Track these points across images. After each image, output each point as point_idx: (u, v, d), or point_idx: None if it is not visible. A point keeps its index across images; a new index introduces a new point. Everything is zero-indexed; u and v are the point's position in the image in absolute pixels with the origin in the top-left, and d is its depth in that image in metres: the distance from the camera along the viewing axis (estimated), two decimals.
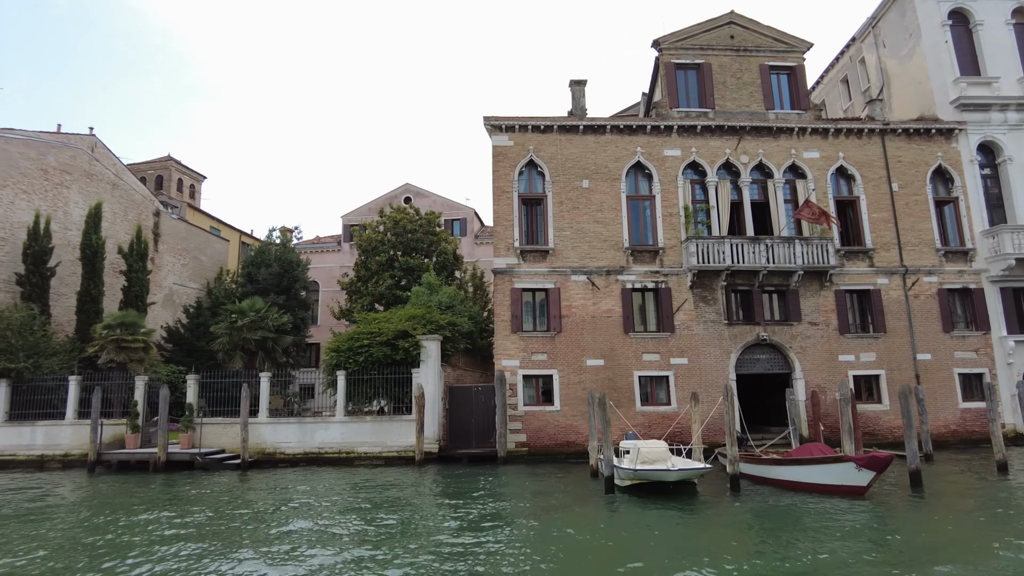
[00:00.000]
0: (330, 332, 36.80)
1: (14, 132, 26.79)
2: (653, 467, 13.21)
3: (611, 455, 13.91)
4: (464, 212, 47.51)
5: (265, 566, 8.54)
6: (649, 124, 22.23)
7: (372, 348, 20.89)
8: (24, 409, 22.61)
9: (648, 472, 13.13)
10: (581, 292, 21.26)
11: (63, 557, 9.31)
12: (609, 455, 13.88)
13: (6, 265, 25.58)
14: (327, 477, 17.92)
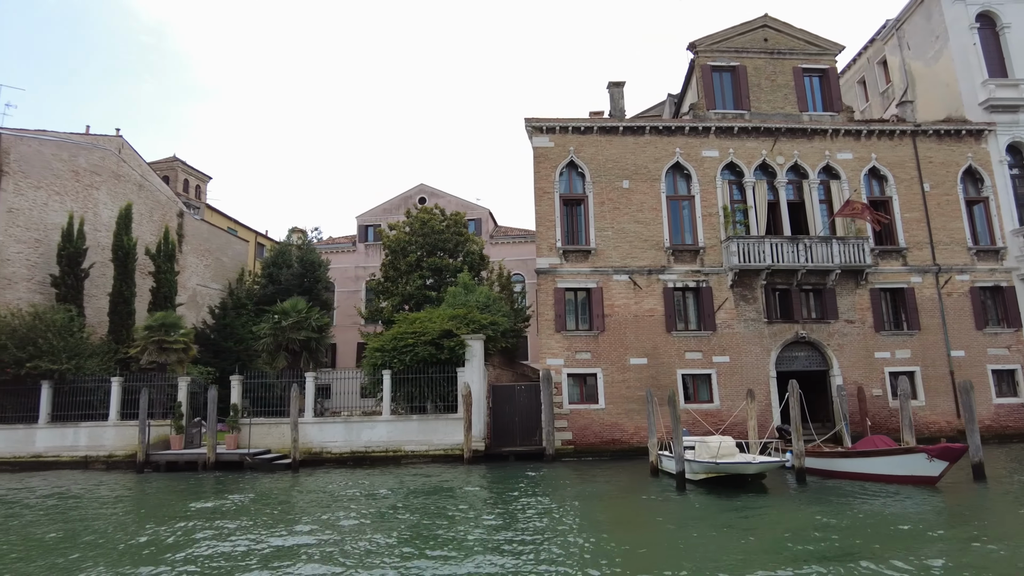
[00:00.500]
0: (357, 332, 36.95)
1: (47, 134, 26.70)
2: (733, 460, 13.51)
3: (682, 451, 14.16)
4: (479, 212, 47.70)
5: (384, 564, 8.70)
6: (688, 125, 22.56)
7: (417, 348, 21.07)
8: (64, 410, 22.63)
9: (729, 465, 13.42)
10: (623, 291, 21.56)
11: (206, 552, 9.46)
12: (680, 451, 14.13)
13: (40, 267, 25.53)
14: (383, 475, 18.08)
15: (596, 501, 13.48)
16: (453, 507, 12.78)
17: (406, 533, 10.42)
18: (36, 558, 9.33)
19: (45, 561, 9.13)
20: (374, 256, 47.67)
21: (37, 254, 25.51)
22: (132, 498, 15.32)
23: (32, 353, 21.91)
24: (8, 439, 22.31)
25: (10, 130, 25.02)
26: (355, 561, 8.71)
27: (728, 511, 11.61)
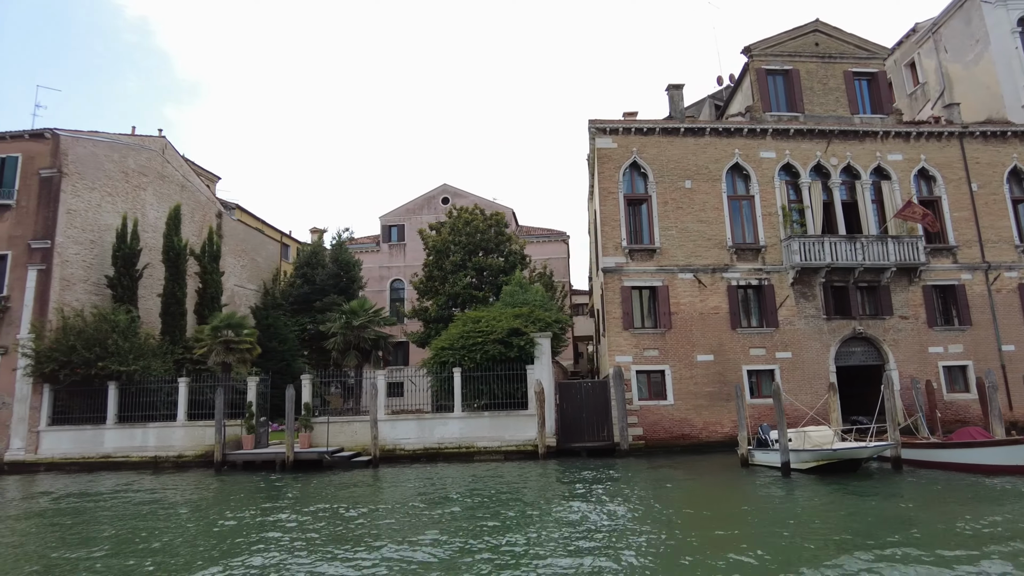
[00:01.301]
0: (394, 331, 37.16)
1: (99, 135, 26.62)
2: (848, 446, 14.06)
3: (786, 442, 14.67)
4: (502, 212, 48.03)
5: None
6: (746, 127, 23.12)
7: (487, 346, 21.43)
8: (128, 411, 22.69)
9: (845, 451, 13.95)
10: (688, 289, 22.08)
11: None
12: (785, 442, 14.64)
13: (95, 268, 25.50)
14: (471, 470, 18.40)
15: (705, 491, 13.96)
16: (576, 501, 13.17)
17: (557, 524, 10.78)
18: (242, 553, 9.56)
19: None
20: (398, 256, 47.97)
21: (92, 255, 25.48)
22: (256, 496, 15.41)
23: (99, 354, 21.97)
24: (76, 440, 22.37)
25: (67, 131, 24.95)
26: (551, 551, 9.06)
27: (862, 497, 12.13)
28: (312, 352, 31.86)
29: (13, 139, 24.65)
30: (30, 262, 23.58)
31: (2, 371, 22.94)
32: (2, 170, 24.43)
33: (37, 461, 22.18)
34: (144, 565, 8.81)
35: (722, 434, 21.16)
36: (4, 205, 24.14)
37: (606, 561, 8.30)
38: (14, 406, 22.62)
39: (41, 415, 22.59)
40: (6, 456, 22.26)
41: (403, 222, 48.42)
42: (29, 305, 23.20)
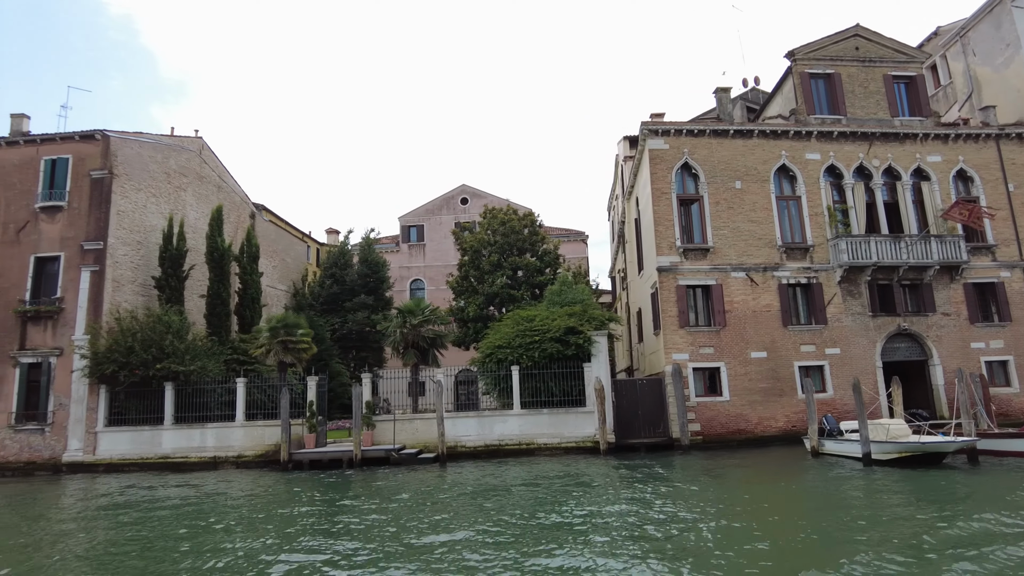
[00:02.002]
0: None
1: (143, 135, 26.61)
2: (935, 440, 14.60)
3: (868, 433, 15.19)
4: (521, 212, 48.37)
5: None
6: (792, 129, 23.70)
7: (544, 344, 21.80)
8: (183, 411, 22.76)
9: (933, 444, 14.49)
10: (741, 288, 22.61)
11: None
12: (866, 433, 15.16)
13: (142, 269, 25.51)
14: (532, 466, 18.70)
15: (786, 483, 14.41)
16: (663, 493, 13.58)
17: (650, 513, 11.17)
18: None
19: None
20: (417, 256, 48.19)
21: (139, 256, 25.50)
22: (347, 492, 15.62)
23: (156, 355, 22.03)
24: (135, 441, 22.43)
25: (115, 132, 24.94)
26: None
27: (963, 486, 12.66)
28: (342, 351, 32.07)
29: (63, 140, 24.63)
30: (83, 263, 23.58)
31: (58, 372, 22.96)
32: (53, 172, 24.40)
33: (96, 462, 22.20)
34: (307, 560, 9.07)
35: (776, 428, 21.71)
36: (56, 207, 24.12)
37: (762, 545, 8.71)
38: (70, 407, 22.64)
39: (98, 416, 22.60)
40: (64, 457, 22.28)
41: (422, 222, 48.65)
42: (83, 306, 23.21)
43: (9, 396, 22.89)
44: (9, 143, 24.80)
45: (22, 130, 25.35)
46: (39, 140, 24.72)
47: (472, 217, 48.52)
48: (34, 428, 22.63)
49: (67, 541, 10.97)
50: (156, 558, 9.32)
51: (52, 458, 22.40)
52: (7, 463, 22.43)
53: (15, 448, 22.60)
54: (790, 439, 21.42)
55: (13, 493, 18.08)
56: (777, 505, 11.93)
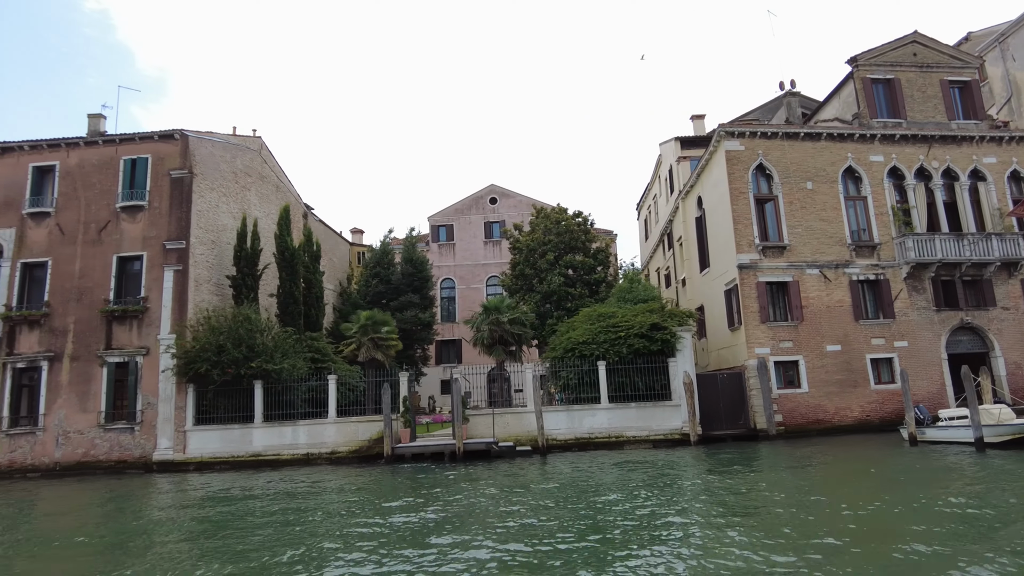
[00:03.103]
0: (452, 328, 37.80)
1: (214, 135, 26.70)
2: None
3: (979, 418, 16.13)
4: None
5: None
6: (857, 132, 24.71)
7: (630, 339, 22.47)
8: (270, 409, 22.94)
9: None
10: (815, 284, 23.55)
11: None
12: (978, 418, 16.10)
13: (216, 268, 25.64)
14: (631, 457, 19.31)
15: (908, 469, 15.27)
16: (802, 483, 14.35)
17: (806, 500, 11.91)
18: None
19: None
20: (447, 255, 48.56)
21: (213, 255, 25.64)
22: (474, 483, 16.06)
23: (246, 354, 22.23)
24: (225, 439, 22.61)
25: (192, 132, 25.03)
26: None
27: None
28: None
29: (142, 140, 24.69)
30: (166, 263, 23.70)
31: (145, 372, 23.04)
32: (133, 171, 24.45)
33: (186, 460, 22.36)
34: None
35: (852, 418, 22.68)
36: (137, 206, 24.19)
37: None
38: (159, 406, 22.75)
39: (186, 415, 22.74)
40: (155, 456, 22.41)
41: (451, 222, 49.04)
42: (168, 306, 23.34)
43: (97, 395, 22.94)
44: (88, 143, 24.79)
45: (99, 130, 25.33)
46: (118, 140, 24.75)
47: (501, 217, 49.14)
48: (123, 427, 22.71)
49: (266, 537, 11.31)
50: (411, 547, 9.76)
51: (142, 457, 22.51)
52: (98, 462, 22.51)
53: (105, 447, 22.66)
54: (865, 428, 22.43)
55: (126, 490, 18.22)
56: (922, 490, 12.62)
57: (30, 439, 22.80)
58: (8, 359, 23.32)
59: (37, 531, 13.03)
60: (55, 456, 22.62)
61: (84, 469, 22.37)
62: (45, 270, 24.07)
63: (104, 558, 9.70)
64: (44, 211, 24.36)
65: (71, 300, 23.64)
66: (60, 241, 24.16)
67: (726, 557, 7.81)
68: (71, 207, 24.43)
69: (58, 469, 22.44)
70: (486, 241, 48.82)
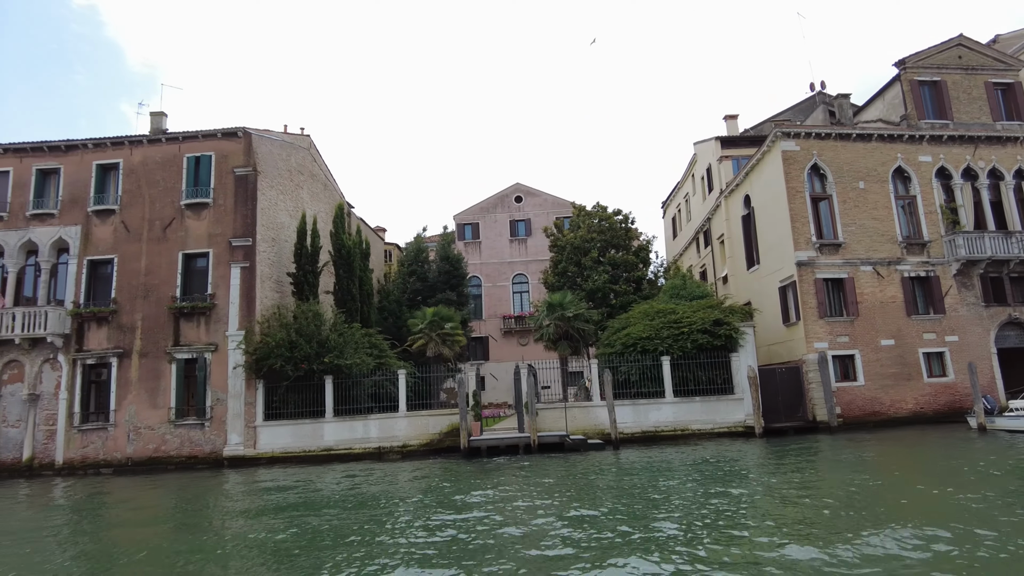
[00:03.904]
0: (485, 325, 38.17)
1: (271, 133, 26.90)
2: None
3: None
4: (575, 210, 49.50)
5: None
6: (906, 134, 25.40)
7: (693, 335, 23.03)
8: (338, 404, 23.23)
9: None
10: (869, 280, 24.22)
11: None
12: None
13: (276, 265, 25.88)
14: (705, 450, 19.82)
15: (998, 457, 15.95)
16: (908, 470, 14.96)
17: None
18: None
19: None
20: (473, 253, 48.88)
21: (273, 253, 25.88)
22: (585, 474, 16.58)
23: (317, 350, 22.55)
24: (296, 434, 22.90)
25: (254, 130, 25.25)
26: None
27: None
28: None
29: (205, 138, 24.88)
30: (233, 260, 23.93)
31: (214, 368, 23.28)
32: (197, 169, 24.65)
33: (257, 456, 22.64)
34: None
35: (907, 410, 23.38)
36: (202, 204, 24.39)
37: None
38: (228, 402, 23.01)
39: (256, 410, 23.02)
40: (225, 451, 22.67)
41: (477, 220, 49.40)
42: (236, 302, 23.58)
43: (167, 391, 23.15)
44: (151, 141, 24.95)
45: (162, 128, 25.48)
46: (181, 138, 24.91)
47: (526, 215, 49.61)
48: (194, 423, 22.94)
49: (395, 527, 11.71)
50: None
51: (213, 452, 22.76)
52: (169, 457, 22.73)
53: (175, 443, 22.88)
54: (920, 420, 23.15)
55: (211, 485, 18.51)
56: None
57: (102, 435, 22.98)
58: (78, 355, 23.48)
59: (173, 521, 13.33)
60: (127, 451, 22.83)
61: (155, 464, 22.59)
62: (111, 267, 24.24)
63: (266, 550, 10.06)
64: (109, 208, 24.51)
65: (138, 297, 23.83)
66: (125, 238, 24.32)
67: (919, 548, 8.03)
68: (135, 204, 24.59)
69: (130, 464, 22.66)
70: (512, 239, 49.24)
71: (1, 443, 23.06)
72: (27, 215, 24.54)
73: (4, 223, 24.52)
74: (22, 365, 23.52)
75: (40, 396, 23.38)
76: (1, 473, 22.64)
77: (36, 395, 23.33)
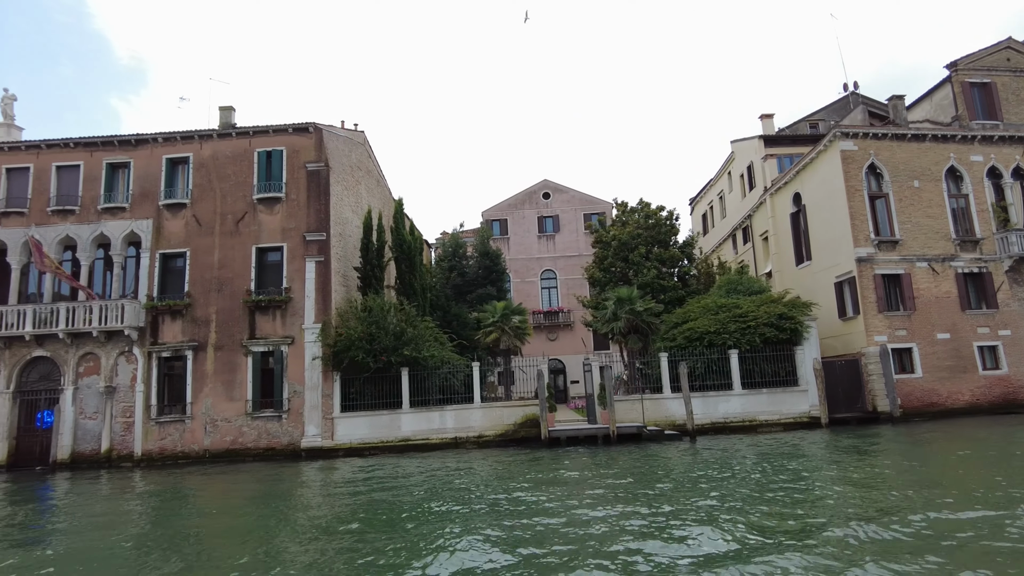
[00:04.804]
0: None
1: (335, 129, 27.16)
2: None
3: None
4: (603, 206, 50.17)
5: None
6: (959, 134, 26.21)
7: (760, 328, 23.71)
8: (413, 395, 23.60)
9: None
10: (924, 277, 25.02)
11: None
12: None
13: (343, 260, 26.20)
14: (779, 440, 20.50)
15: None
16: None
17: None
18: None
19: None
20: (502, 249, 49.28)
21: (340, 247, 26.20)
22: (678, 463, 17.18)
23: (393, 343, 22.96)
24: (373, 425, 23.31)
25: (324, 126, 25.53)
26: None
27: None
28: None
29: (276, 133, 25.15)
30: (307, 254, 24.26)
31: (291, 360, 23.59)
32: (269, 164, 24.91)
33: (335, 447, 23.02)
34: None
35: (963, 402, 24.21)
36: (274, 198, 24.67)
37: None
38: (305, 394, 23.36)
39: (333, 402, 23.39)
40: (303, 442, 23.03)
41: (505, 216, 49.83)
42: (311, 296, 23.90)
43: (243, 384, 23.46)
44: (221, 135, 25.16)
45: (231, 122, 25.68)
46: (251, 132, 25.16)
47: (554, 211, 50.14)
48: (271, 415, 23.26)
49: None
50: None
51: (290, 444, 23.11)
52: (246, 449, 23.06)
53: (253, 435, 23.20)
54: (976, 411, 23.95)
55: (311, 474, 18.89)
56: None
57: (179, 427, 23.25)
58: (153, 348, 23.72)
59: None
60: (204, 444, 23.12)
61: (233, 456, 22.90)
62: (182, 260, 24.47)
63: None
64: (180, 202, 24.72)
65: (212, 290, 24.08)
66: (197, 232, 24.55)
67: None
68: (206, 198, 24.81)
69: (207, 456, 22.96)
70: (540, 235, 49.72)
71: (80, 435, 23.27)
72: (98, 209, 24.70)
73: (76, 217, 24.66)
74: (98, 358, 23.72)
75: (116, 388, 23.61)
76: (81, 464, 22.89)
77: (112, 387, 23.55)
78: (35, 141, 25.13)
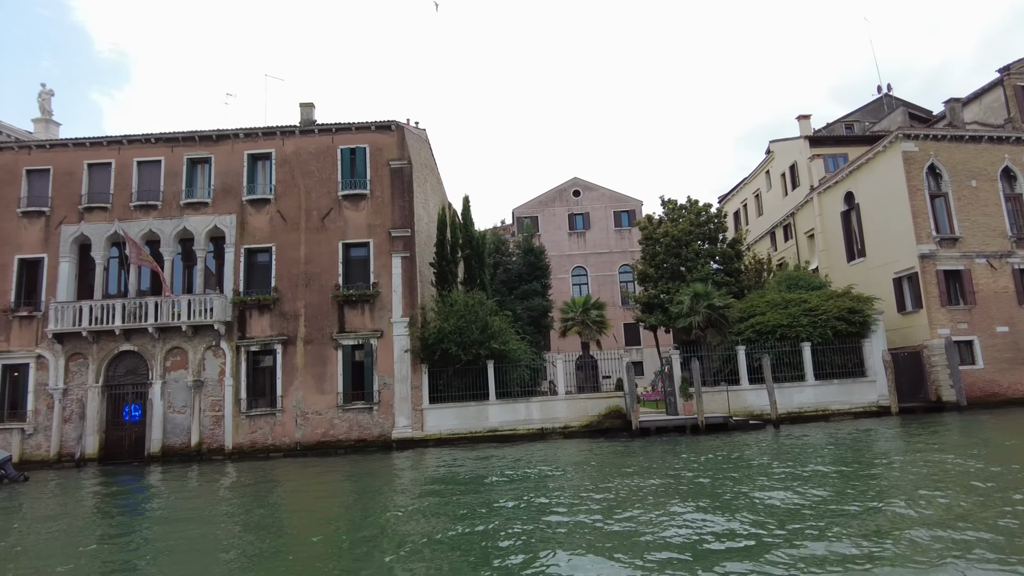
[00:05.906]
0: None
1: (407, 126, 27.54)
2: None
3: None
4: (632, 204, 51.06)
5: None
6: (1013, 136, 27.43)
7: (831, 322, 24.67)
8: (498, 388, 24.15)
9: None
10: (983, 272, 26.20)
11: None
12: None
13: (419, 256, 26.58)
14: (856, 427, 21.45)
15: None
16: None
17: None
18: None
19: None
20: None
21: (415, 243, 26.56)
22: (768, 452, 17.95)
23: (479, 337, 23.49)
24: (461, 416, 23.86)
25: (403, 124, 25.91)
26: None
27: None
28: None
29: (359, 130, 25.48)
30: (393, 250, 24.67)
31: (380, 354, 24.01)
32: (353, 161, 25.25)
33: (425, 437, 23.53)
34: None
35: (1023, 392, 25.44)
36: (359, 195, 25.03)
37: None
38: (395, 386, 23.80)
39: (422, 394, 23.87)
40: (393, 434, 23.49)
41: (536, 213, 50.43)
42: (398, 290, 24.33)
43: (333, 377, 23.82)
44: (303, 132, 25.44)
45: (311, 119, 25.94)
46: (333, 129, 25.46)
47: (584, 209, 50.88)
48: (361, 407, 23.66)
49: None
50: None
51: (381, 435, 23.54)
52: (337, 441, 23.44)
53: (344, 427, 23.59)
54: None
55: (415, 465, 19.37)
56: None
57: (269, 420, 23.55)
58: (240, 342, 23.97)
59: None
60: (295, 436, 23.45)
61: (324, 448, 23.26)
62: (267, 255, 24.73)
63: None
64: (263, 198, 24.96)
65: (299, 285, 24.38)
66: (282, 227, 24.82)
67: None
68: (290, 194, 25.09)
69: (299, 448, 23.29)
70: (570, 232, 50.41)
71: (169, 428, 23.47)
72: (180, 204, 24.85)
73: (158, 212, 24.79)
74: (185, 352, 23.92)
75: (204, 383, 23.83)
76: (172, 457, 23.10)
77: (200, 381, 23.77)
78: (116, 136, 25.20)
